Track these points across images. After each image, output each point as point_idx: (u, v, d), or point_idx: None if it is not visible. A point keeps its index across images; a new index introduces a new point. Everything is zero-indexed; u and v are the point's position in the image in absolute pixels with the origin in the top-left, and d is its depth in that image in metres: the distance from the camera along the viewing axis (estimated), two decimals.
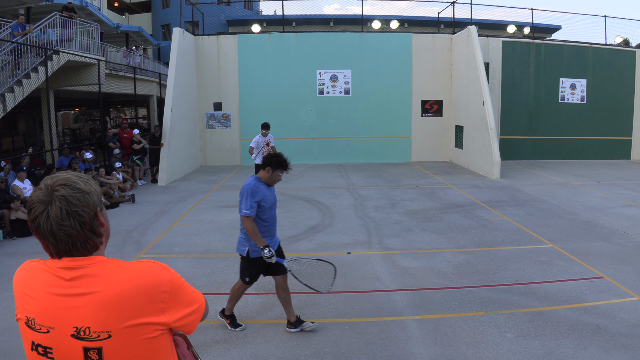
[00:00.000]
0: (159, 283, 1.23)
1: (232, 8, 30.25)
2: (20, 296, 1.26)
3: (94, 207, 1.23)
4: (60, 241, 1.20)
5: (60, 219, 1.17)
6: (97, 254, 1.26)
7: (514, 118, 16.28)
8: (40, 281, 1.23)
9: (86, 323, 1.16)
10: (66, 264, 1.22)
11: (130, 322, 1.17)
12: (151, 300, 1.20)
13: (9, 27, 11.26)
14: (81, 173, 1.30)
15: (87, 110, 32.04)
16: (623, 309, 4.50)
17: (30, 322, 1.21)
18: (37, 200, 1.20)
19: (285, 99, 15.98)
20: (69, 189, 1.20)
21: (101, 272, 1.21)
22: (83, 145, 14.16)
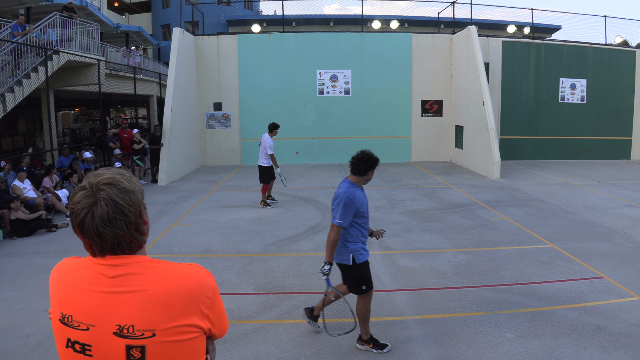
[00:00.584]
0: (205, 288, 1.24)
1: (232, 8, 30.25)
2: (56, 293, 1.24)
3: (139, 206, 1.23)
4: (106, 241, 1.18)
5: (106, 220, 1.16)
6: (141, 252, 1.26)
7: (514, 118, 16.28)
8: (82, 278, 1.21)
9: (130, 321, 1.15)
10: (110, 261, 1.20)
11: (175, 322, 1.17)
12: (196, 303, 1.21)
13: (9, 27, 11.26)
14: (123, 170, 1.28)
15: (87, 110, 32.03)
16: (623, 309, 4.50)
17: (66, 319, 1.19)
18: (81, 199, 1.18)
19: (285, 99, 15.98)
20: (114, 189, 1.18)
21: (147, 271, 1.20)
22: (83, 145, 14.16)
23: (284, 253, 6.42)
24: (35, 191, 8.66)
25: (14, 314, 4.54)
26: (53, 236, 7.47)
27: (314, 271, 5.67)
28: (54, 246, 6.92)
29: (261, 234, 7.37)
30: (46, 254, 6.56)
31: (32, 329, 4.22)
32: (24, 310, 4.62)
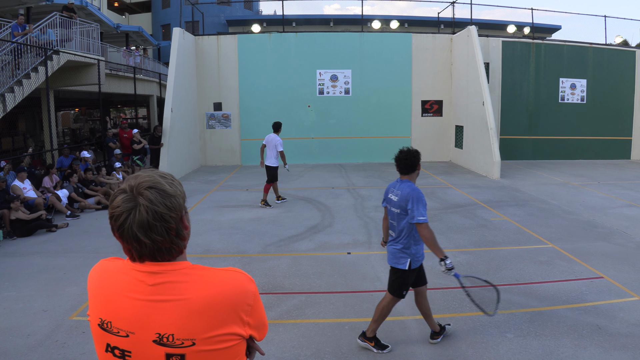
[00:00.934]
0: (246, 295, 1.21)
1: (232, 8, 30.25)
2: (95, 297, 1.22)
3: (180, 211, 1.19)
4: (145, 247, 1.14)
5: (146, 225, 1.12)
6: (181, 258, 1.22)
7: (514, 118, 16.28)
8: (121, 284, 1.18)
9: (170, 330, 1.13)
10: (150, 268, 1.17)
11: (215, 331, 1.15)
12: (236, 311, 1.18)
13: (9, 27, 11.26)
14: (164, 172, 1.24)
15: (87, 110, 32.04)
16: (623, 309, 4.50)
17: (105, 325, 1.18)
18: (121, 204, 1.14)
19: (285, 99, 15.98)
20: (155, 192, 1.15)
21: (187, 279, 1.17)
22: (83, 145, 14.17)
23: (284, 253, 6.42)
24: (35, 191, 8.66)
25: (14, 314, 4.54)
26: (53, 236, 7.47)
27: (314, 271, 5.67)
28: (54, 246, 6.92)
29: (261, 234, 7.37)
30: (46, 254, 6.56)
31: (32, 329, 4.22)
32: (24, 310, 4.61)
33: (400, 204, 3.60)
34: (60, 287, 5.24)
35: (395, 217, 3.67)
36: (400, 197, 3.60)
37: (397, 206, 3.64)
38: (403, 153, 3.69)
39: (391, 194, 3.72)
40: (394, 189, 3.72)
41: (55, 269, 5.86)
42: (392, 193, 3.72)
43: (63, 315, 4.49)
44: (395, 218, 3.68)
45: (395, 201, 3.64)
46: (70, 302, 4.81)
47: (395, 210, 3.65)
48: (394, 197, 3.67)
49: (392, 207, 3.68)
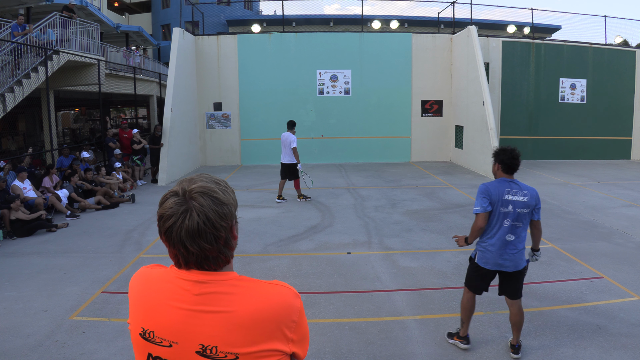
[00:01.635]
0: (291, 311, 1.17)
1: (232, 8, 30.25)
2: (137, 306, 1.19)
3: (231, 220, 1.16)
4: (192, 254, 1.12)
5: (195, 231, 1.09)
6: (227, 268, 1.19)
7: (514, 118, 16.28)
8: (165, 293, 1.15)
9: (214, 342, 1.11)
10: (196, 277, 1.14)
11: (259, 347, 1.11)
12: (280, 327, 1.14)
13: (9, 27, 11.26)
14: (219, 179, 1.21)
15: (87, 110, 32.04)
16: (623, 309, 4.50)
17: (148, 335, 1.15)
18: (173, 206, 1.11)
19: (285, 99, 15.98)
20: (207, 199, 1.12)
21: (234, 291, 1.14)
22: (83, 145, 14.16)
23: (284, 253, 6.42)
24: (35, 191, 8.66)
25: (14, 314, 4.54)
26: (53, 236, 7.47)
27: (314, 271, 5.67)
28: (54, 246, 6.92)
29: (261, 234, 7.37)
30: (46, 254, 6.56)
31: (32, 329, 4.22)
32: (24, 310, 4.61)
33: (530, 203, 3.52)
34: (60, 287, 5.24)
35: (521, 218, 3.54)
36: (530, 196, 3.53)
37: (525, 206, 3.51)
38: (515, 152, 3.62)
39: (510, 195, 3.53)
40: (510, 190, 3.54)
41: (55, 269, 5.86)
42: (510, 194, 3.53)
43: (63, 315, 4.49)
44: (520, 219, 3.54)
45: (525, 201, 3.51)
46: (70, 302, 4.81)
47: (523, 210, 3.52)
48: (521, 198, 3.51)
49: (518, 207, 3.51)
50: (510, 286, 3.67)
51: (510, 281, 3.65)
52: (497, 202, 3.54)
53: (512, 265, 3.59)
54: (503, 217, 3.54)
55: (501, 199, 3.53)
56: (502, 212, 3.54)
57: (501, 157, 3.61)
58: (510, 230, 3.55)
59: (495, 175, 3.71)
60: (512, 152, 3.60)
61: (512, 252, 3.56)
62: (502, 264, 3.59)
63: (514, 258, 3.57)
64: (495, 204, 3.55)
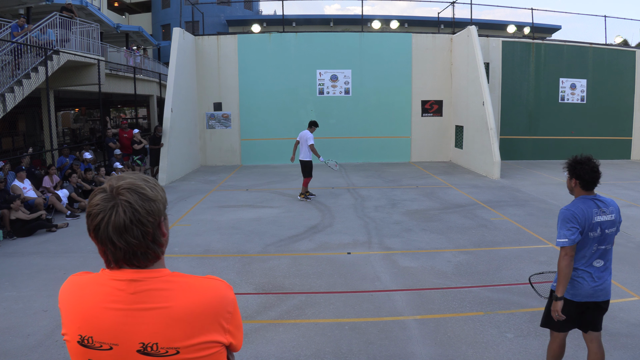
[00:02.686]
0: (226, 302, 1.20)
1: (232, 8, 30.25)
2: (71, 314, 1.17)
3: (159, 216, 1.17)
4: (119, 250, 1.12)
5: (122, 227, 1.10)
6: (157, 265, 1.20)
7: (514, 118, 16.28)
8: (99, 296, 1.15)
9: (154, 339, 1.12)
10: (129, 276, 1.15)
11: (198, 339, 1.14)
12: (217, 319, 1.17)
13: (8, 27, 11.26)
14: (148, 177, 1.22)
15: (87, 110, 32.04)
16: (623, 309, 4.50)
17: (86, 341, 1.14)
18: (100, 202, 1.12)
19: (285, 99, 15.98)
20: (134, 195, 1.13)
21: (170, 286, 1.15)
22: (83, 145, 14.16)
23: (284, 253, 6.42)
24: (35, 191, 8.66)
25: (14, 314, 4.54)
26: (53, 236, 7.47)
27: (314, 271, 5.67)
28: (54, 246, 6.92)
29: (261, 234, 7.37)
30: (46, 254, 6.56)
31: (32, 329, 4.22)
32: (24, 310, 4.61)
33: (616, 221, 3.05)
34: (60, 287, 5.24)
35: (610, 239, 3.03)
36: (616, 211, 3.05)
37: (612, 225, 3.02)
38: (593, 163, 3.02)
39: (600, 216, 2.98)
40: (597, 209, 2.99)
41: (55, 269, 5.86)
42: (599, 215, 2.98)
43: None
44: (610, 240, 3.03)
45: (613, 219, 3.02)
46: None
47: (610, 230, 3.01)
48: (610, 217, 3.00)
49: (607, 228, 2.99)
50: (596, 317, 3.12)
51: (596, 311, 3.10)
52: (587, 228, 2.95)
53: (603, 294, 3.06)
54: (591, 243, 2.99)
55: (590, 223, 2.95)
56: (591, 237, 2.97)
57: (578, 171, 3.02)
58: (599, 255, 3.02)
59: (573, 192, 3.13)
60: (590, 163, 3.01)
61: (603, 279, 3.04)
62: (593, 294, 3.02)
63: (606, 285, 3.05)
64: (584, 230, 2.95)
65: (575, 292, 3.03)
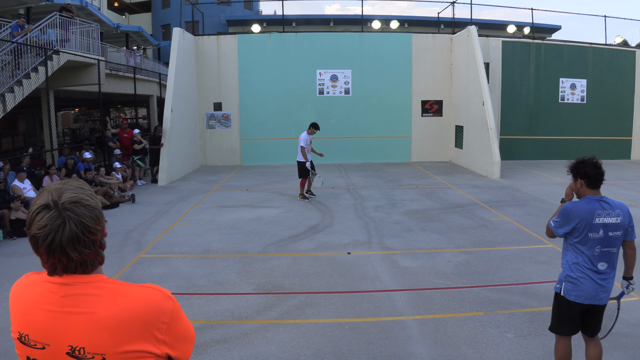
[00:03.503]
0: (160, 312, 1.18)
1: (232, 8, 30.25)
2: (14, 311, 1.23)
3: (102, 222, 1.21)
4: (72, 261, 1.15)
5: (75, 240, 1.13)
6: (97, 271, 1.22)
7: (514, 118, 16.28)
8: (35, 296, 1.19)
9: (81, 343, 1.13)
10: (62, 280, 1.17)
11: (125, 347, 1.13)
12: (149, 329, 1.16)
13: (8, 27, 11.26)
14: (81, 182, 1.24)
15: (87, 110, 32.04)
16: (623, 309, 4.48)
17: (23, 338, 1.18)
18: (48, 223, 1.12)
19: (285, 99, 15.98)
20: (81, 207, 1.15)
21: (98, 292, 1.16)
22: (83, 145, 14.16)
23: (284, 253, 6.42)
24: (35, 191, 8.66)
25: None
26: None
27: (314, 271, 5.67)
28: None
29: (261, 234, 7.37)
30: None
31: None
32: None
33: (623, 224, 3.01)
34: None
35: (615, 242, 3.02)
36: (624, 215, 3.01)
37: (618, 228, 2.99)
38: (596, 160, 3.08)
39: (602, 218, 2.97)
40: (601, 210, 2.98)
41: None
42: (602, 216, 2.97)
43: None
44: (615, 243, 3.01)
45: (619, 222, 2.98)
46: None
47: (616, 233, 3.00)
48: (615, 219, 2.98)
49: (612, 231, 2.98)
50: (596, 319, 3.15)
51: (596, 314, 3.13)
52: (585, 227, 2.97)
53: (606, 297, 3.06)
54: (594, 244, 2.98)
55: (590, 224, 2.96)
56: (592, 238, 2.97)
57: (583, 169, 3.05)
58: (603, 258, 3.01)
59: (579, 194, 3.12)
60: (593, 161, 3.06)
61: (607, 283, 3.04)
62: (596, 296, 3.02)
63: (608, 289, 3.05)
64: (582, 230, 2.98)
65: (579, 293, 3.03)
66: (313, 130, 9.83)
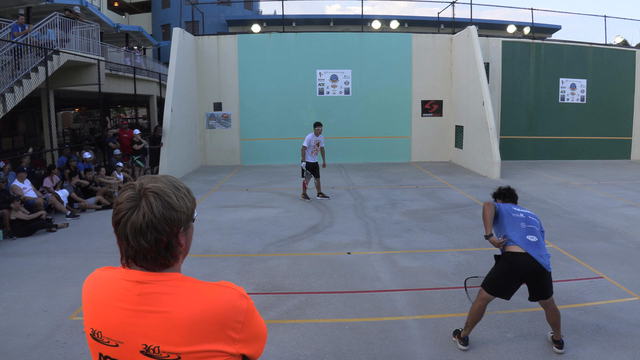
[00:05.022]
0: (235, 311, 1.16)
1: (232, 8, 30.25)
2: (87, 307, 1.22)
3: (177, 227, 1.17)
4: (131, 248, 1.14)
5: (138, 228, 1.12)
6: (170, 270, 1.20)
7: (514, 118, 16.28)
8: (109, 293, 1.18)
9: (156, 342, 1.13)
10: (138, 277, 1.16)
11: (200, 347, 1.13)
12: (224, 328, 1.14)
13: (9, 27, 11.26)
14: (182, 185, 1.22)
15: (87, 110, 32.04)
16: (623, 309, 4.50)
17: (96, 335, 1.18)
18: (124, 201, 1.15)
19: (285, 99, 15.98)
20: (159, 201, 1.14)
21: (174, 291, 1.15)
22: (83, 145, 14.16)
23: (284, 253, 6.42)
24: (35, 191, 8.66)
25: (14, 314, 4.54)
26: (53, 236, 7.47)
27: (314, 271, 5.67)
28: (54, 246, 6.92)
29: (261, 234, 7.38)
30: (46, 254, 6.56)
31: (32, 329, 4.22)
32: (24, 310, 4.61)
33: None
34: (60, 287, 5.24)
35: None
36: (534, 216, 3.95)
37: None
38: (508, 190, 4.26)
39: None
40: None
41: (55, 269, 5.86)
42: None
43: (63, 315, 4.49)
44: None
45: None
46: (70, 302, 4.81)
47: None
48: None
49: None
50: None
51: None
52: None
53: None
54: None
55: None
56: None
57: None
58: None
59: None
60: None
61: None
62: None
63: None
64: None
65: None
66: (318, 130, 9.70)
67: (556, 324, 3.73)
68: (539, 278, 3.58)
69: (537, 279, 3.59)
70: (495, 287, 3.69)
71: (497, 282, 3.68)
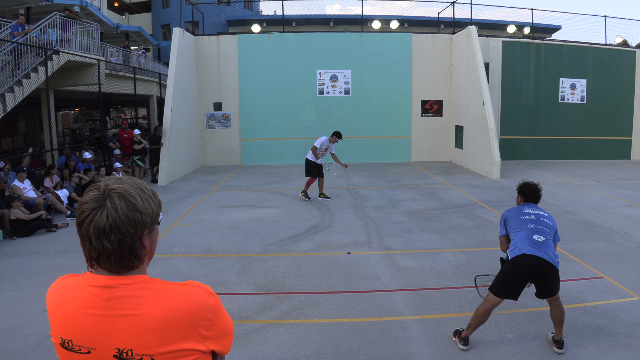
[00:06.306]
0: (205, 310, 1.18)
1: (232, 8, 30.25)
2: (54, 317, 1.20)
3: (142, 229, 1.16)
4: (95, 249, 1.13)
5: (101, 229, 1.11)
6: (135, 272, 1.19)
7: (514, 118, 16.28)
8: (76, 300, 1.17)
9: (128, 345, 1.13)
10: (104, 282, 1.15)
11: (173, 347, 1.13)
12: (194, 327, 1.15)
13: (9, 27, 11.26)
14: (147, 186, 1.22)
15: (87, 110, 32.04)
16: (623, 309, 4.50)
17: (67, 344, 1.16)
18: (89, 201, 1.14)
19: (285, 99, 15.98)
20: (123, 202, 1.13)
21: (143, 293, 1.15)
22: (83, 145, 14.16)
23: (284, 253, 6.42)
24: (35, 191, 8.66)
25: (14, 314, 4.54)
26: (53, 236, 7.47)
27: (314, 271, 5.67)
28: (54, 246, 6.92)
29: (261, 234, 7.37)
30: (46, 254, 6.56)
31: (32, 329, 4.22)
32: (24, 310, 4.62)
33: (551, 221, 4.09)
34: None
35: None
36: (548, 216, 4.07)
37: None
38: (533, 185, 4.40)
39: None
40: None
41: (55, 269, 5.86)
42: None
43: None
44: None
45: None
46: None
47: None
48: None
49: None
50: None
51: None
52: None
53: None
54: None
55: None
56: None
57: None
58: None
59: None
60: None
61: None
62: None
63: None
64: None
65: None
66: (335, 139, 9.74)
67: (559, 322, 3.74)
68: (544, 277, 3.62)
69: (542, 277, 3.63)
70: (502, 289, 3.70)
71: (504, 284, 3.70)
